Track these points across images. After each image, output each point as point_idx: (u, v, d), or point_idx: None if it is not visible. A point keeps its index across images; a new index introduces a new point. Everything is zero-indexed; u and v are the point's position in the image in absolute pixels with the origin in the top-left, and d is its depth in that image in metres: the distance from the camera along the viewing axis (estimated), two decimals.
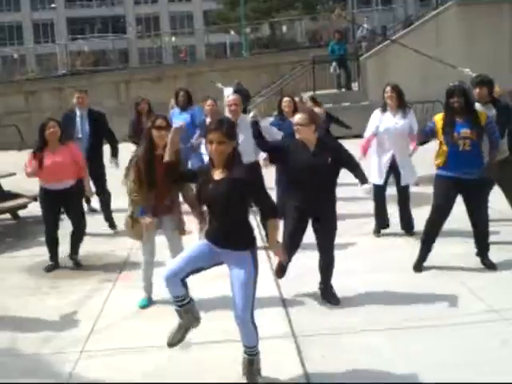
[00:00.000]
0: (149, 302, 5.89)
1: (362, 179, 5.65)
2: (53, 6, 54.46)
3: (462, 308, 5.40)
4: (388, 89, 7.46)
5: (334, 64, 19.36)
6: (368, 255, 6.97)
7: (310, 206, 5.52)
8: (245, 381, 4.23)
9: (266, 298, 5.80)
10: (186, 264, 4.18)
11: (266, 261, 6.97)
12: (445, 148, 6.14)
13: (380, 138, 7.48)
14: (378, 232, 7.76)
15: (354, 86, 19.50)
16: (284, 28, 33.95)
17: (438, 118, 6.25)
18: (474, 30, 18.04)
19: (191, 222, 5.92)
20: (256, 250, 4.23)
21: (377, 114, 7.55)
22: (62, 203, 7.07)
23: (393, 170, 7.52)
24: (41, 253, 7.80)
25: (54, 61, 37.10)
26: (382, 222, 7.78)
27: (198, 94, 10.48)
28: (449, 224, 6.48)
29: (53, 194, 6.93)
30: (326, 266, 5.70)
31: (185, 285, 4.25)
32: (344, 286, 5.83)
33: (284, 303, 5.70)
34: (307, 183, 5.43)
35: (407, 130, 7.38)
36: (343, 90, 19.30)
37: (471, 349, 4.60)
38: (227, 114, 7.47)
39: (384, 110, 7.50)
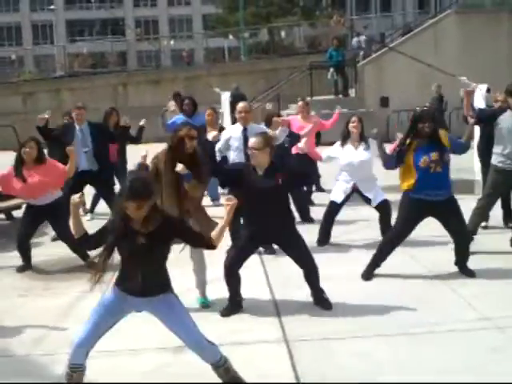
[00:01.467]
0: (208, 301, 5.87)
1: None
2: (52, 7, 54.43)
3: (453, 315, 5.40)
4: (354, 119, 7.50)
5: (331, 70, 19.42)
6: (359, 262, 6.97)
7: (263, 233, 5.51)
8: None
9: (258, 302, 5.81)
10: (98, 334, 4.21)
11: (260, 265, 6.99)
12: (413, 170, 6.11)
13: (343, 170, 7.55)
14: (319, 243, 7.66)
15: (351, 92, 19.54)
16: (283, 33, 34.01)
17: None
18: (473, 38, 18.11)
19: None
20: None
21: (337, 147, 7.64)
22: (47, 217, 7.22)
23: (358, 194, 7.60)
24: (34, 253, 7.81)
25: (52, 62, 37.17)
26: (324, 237, 7.75)
27: (196, 98, 10.50)
28: (439, 230, 6.51)
29: (36, 208, 7.10)
30: (309, 274, 5.67)
31: (87, 354, 4.22)
32: (335, 292, 5.83)
33: (277, 308, 5.70)
34: (257, 208, 5.41)
35: (370, 161, 7.45)
36: (340, 96, 19.35)
37: (463, 356, 4.60)
38: (237, 121, 7.52)
39: (345, 142, 7.54)
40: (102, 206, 9.12)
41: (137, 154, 6.01)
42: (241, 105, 7.55)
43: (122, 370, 4.66)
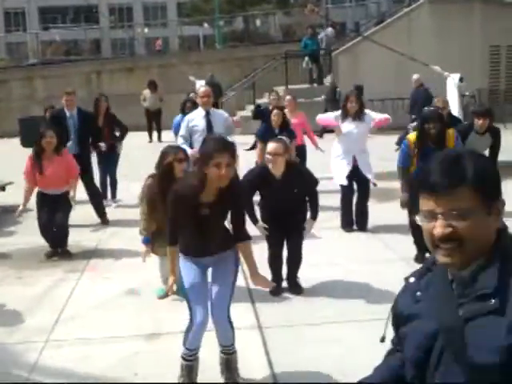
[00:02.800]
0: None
1: (315, 215, 5.73)
2: None
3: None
4: (352, 97, 7.54)
5: (306, 59, 19.44)
6: (334, 248, 7.04)
7: (282, 225, 5.68)
8: (223, 380, 4.23)
9: (239, 289, 5.83)
10: (207, 306, 4.09)
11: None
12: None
13: (340, 142, 7.60)
14: (345, 228, 7.81)
15: (326, 81, 19.59)
16: (258, 22, 33.98)
17: (412, 139, 6.30)
18: (446, 27, 18.22)
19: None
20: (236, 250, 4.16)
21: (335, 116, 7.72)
22: (54, 203, 7.23)
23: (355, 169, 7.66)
24: (7, 242, 7.77)
25: (25, 50, 36.65)
26: (348, 219, 7.84)
27: (170, 86, 10.48)
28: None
29: (49, 197, 7.18)
30: (295, 262, 5.81)
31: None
32: (310, 278, 5.90)
33: (251, 295, 5.74)
34: (275, 210, 5.62)
35: (367, 132, 7.55)
36: (315, 85, 19.40)
37: None
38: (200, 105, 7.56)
39: (344, 118, 7.59)
40: None
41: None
42: (202, 89, 7.71)
43: (96, 358, 4.65)
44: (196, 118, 7.46)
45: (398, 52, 13.76)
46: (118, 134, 9.80)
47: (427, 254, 6.45)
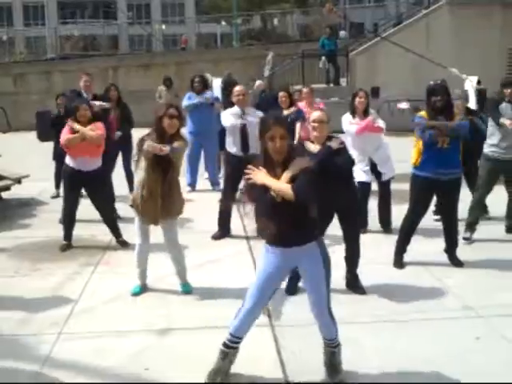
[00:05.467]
0: (142, 290, 5.84)
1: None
2: None
3: (437, 304, 5.47)
4: (361, 93, 7.48)
5: (323, 59, 19.39)
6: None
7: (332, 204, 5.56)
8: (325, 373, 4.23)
9: (245, 288, 5.84)
10: (263, 301, 4.17)
11: (248, 251, 7.03)
12: (421, 146, 6.21)
13: (354, 145, 7.55)
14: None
15: (343, 81, 19.54)
16: (275, 21, 33.91)
17: (422, 114, 6.31)
18: (465, 29, 18.11)
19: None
20: (322, 240, 4.16)
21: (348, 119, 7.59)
22: (86, 185, 7.25)
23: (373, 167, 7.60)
24: (23, 235, 7.83)
25: (43, 44, 36.87)
26: (363, 221, 7.77)
27: (186, 83, 10.48)
28: (425, 221, 6.57)
29: (78, 175, 7.08)
30: (349, 255, 5.83)
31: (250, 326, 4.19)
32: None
33: None
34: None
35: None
36: (331, 85, 19.35)
37: (445, 344, 4.67)
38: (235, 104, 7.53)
39: (352, 113, 7.53)
40: None
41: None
42: (237, 88, 7.61)
43: (108, 352, 4.68)
44: (231, 117, 7.45)
45: (415, 53, 13.69)
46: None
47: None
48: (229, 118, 7.43)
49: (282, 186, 3.81)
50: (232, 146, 7.43)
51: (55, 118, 8.85)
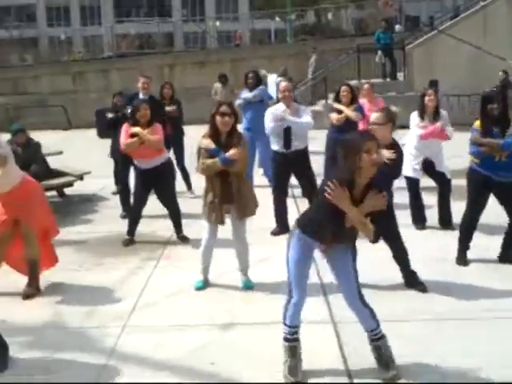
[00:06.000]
0: (205, 285, 5.92)
1: None
2: None
3: (503, 302, 5.36)
4: (430, 92, 7.38)
5: (379, 53, 19.18)
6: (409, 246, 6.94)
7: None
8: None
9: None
10: (305, 288, 4.23)
11: None
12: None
13: (415, 143, 7.45)
14: (416, 225, 7.64)
15: (400, 75, 19.29)
16: (329, 15, 33.72)
17: (477, 126, 6.11)
18: None
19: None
20: None
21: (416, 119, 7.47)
22: (154, 182, 7.31)
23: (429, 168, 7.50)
24: (85, 230, 8.02)
25: (100, 43, 37.60)
26: (416, 215, 7.65)
27: (241, 80, 10.53)
28: (486, 218, 6.45)
29: (145, 173, 7.21)
30: (395, 254, 5.79)
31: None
32: (386, 276, 5.83)
33: (324, 289, 5.73)
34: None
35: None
36: (388, 79, 19.12)
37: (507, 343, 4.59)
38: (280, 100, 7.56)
39: (421, 114, 7.41)
40: None
41: None
42: (283, 84, 7.62)
43: (171, 346, 4.76)
44: (276, 113, 7.46)
45: (473, 46, 13.43)
46: None
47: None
48: (271, 118, 7.42)
49: (366, 224, 3.91)
50: (275, 144, 7.47)
51: (111, 119, 9.02)
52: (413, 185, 7.52)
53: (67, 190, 9.73)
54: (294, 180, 7.88)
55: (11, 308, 5.51)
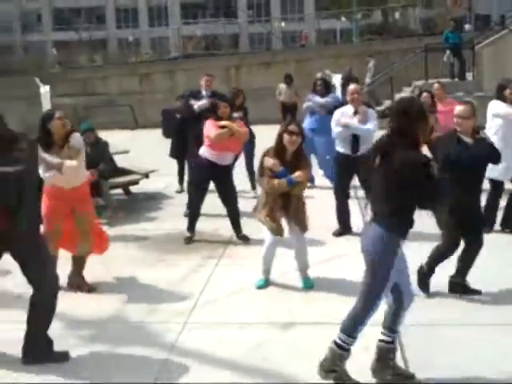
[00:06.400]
0: (266, 283, 5.93)
1: None
2: None
3: None
4: None
5: (447, 52, 18.80)
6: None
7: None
8: None
9: None
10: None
11: None
12: None
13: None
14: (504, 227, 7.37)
15: (468, 75, 18.85)
16: (397, 14, 33.27)
17: None
18: None
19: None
20: None
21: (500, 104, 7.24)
22: (216, 178, 7.35)
23: None
24: (150, 227, 8.15)
25: (167, 44, 38.18)
26: (490, 218, 7.43)
27: (306, 80, 10.50)
28: None
29: (211, 169, 7.22)
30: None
31: None
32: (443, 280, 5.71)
33: None
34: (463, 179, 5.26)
35: None
36: (456, 79, 18.72)
37: None
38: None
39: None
40: None
41: None
42: (352, 86, 7.52)
43: (231, 343, 4.79)
44: (341, 119, 7.40)
45: None
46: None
47: None
48: (337, 122, 7.35)
49: None
50: (341, 146, 7.39)
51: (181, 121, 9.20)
52: (499, 187, 7.32)
53: (133, 188, 9.92)
54: (356, 181, 7.79)
55: (74, 301, 5.64)
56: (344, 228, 7.44)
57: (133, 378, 4.31)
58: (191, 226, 7.50)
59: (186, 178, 9.31)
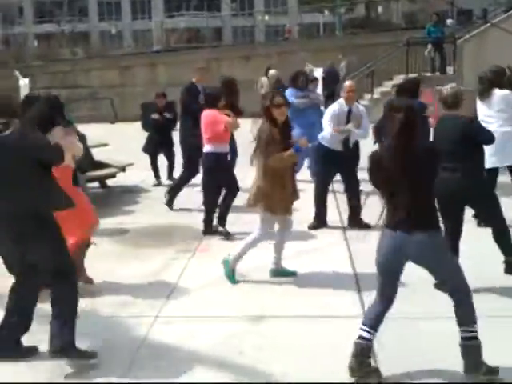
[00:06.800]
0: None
1: None
2: None
3: None
4: None
5: (429, 47, 18.86)
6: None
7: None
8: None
9: (340, 279, 5.80)
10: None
11: (343, 243, 6.97)
12: None
13: None
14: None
15: (449, 69, 18.92)
16: (380, 8, 33.34)
17: None
18: None
19: None
20: None
21: None
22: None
23: None
24: (126, 221, 8.09)
25: (150, 37, 38.00)
26: None
27: (288, 74, 10.44)
28: None
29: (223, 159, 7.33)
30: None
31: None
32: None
33: (358, 286, 5.66)
34: None
35: None
36: (437, 73, 18.78)
37: None
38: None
39: None
40: None
41: None
42: (347, 83, 7.52)
43: (202, 336, 4.77)
44: (337, 113, 7.36)
45: None
46: None
47: None
48: (331, 125, 7.32)
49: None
50: (331, 143, 7.36)
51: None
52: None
53: (109, 182, 9.85)
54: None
55: (44, 295, 5.56)
56: (319, 222, 7.43)
57: (103, 372, 4.27)
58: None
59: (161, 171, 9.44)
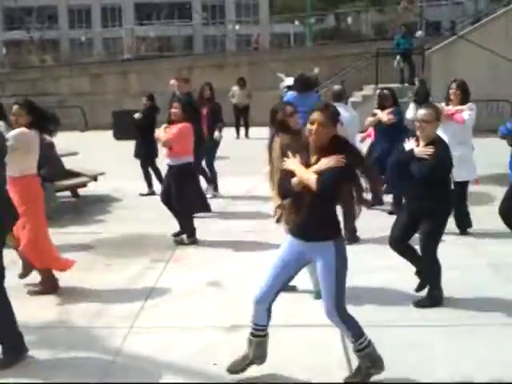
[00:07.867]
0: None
1: None
2: None
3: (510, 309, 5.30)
4: (453, 85, 7.31)
5: (398, 58, 19.10)
6: None
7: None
8: None
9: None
10: (277, 284, 4.12)
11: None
12: None
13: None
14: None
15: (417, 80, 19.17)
16: (349, 19, 33.66)
17: None
18: None
19: None
20: (341, 241, 4.07)
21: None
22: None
23: None
24: (98, 230, 8.03)
25: (120, 45, 37.77)
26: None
27: (259, 83, 10.51)
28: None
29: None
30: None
31: (269, 314, 4.20)
32: (395, 281, 5.78)
33: None
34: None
35: (470, 125, 7.24)
36: (406, 84, 19.02)
37: None
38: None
39: (447, 105, 7.34)
40: None
41: None
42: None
43: (178, 346, 4.75)
44: None
45: (495, 53, 13.26)
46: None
47: None
48: None
49: (308, 175, 3.82)
50: None
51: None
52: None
53: (81, 191, 9.77)
54: None
55: (19, 305, 5.48)
56: None
57: None
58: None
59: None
